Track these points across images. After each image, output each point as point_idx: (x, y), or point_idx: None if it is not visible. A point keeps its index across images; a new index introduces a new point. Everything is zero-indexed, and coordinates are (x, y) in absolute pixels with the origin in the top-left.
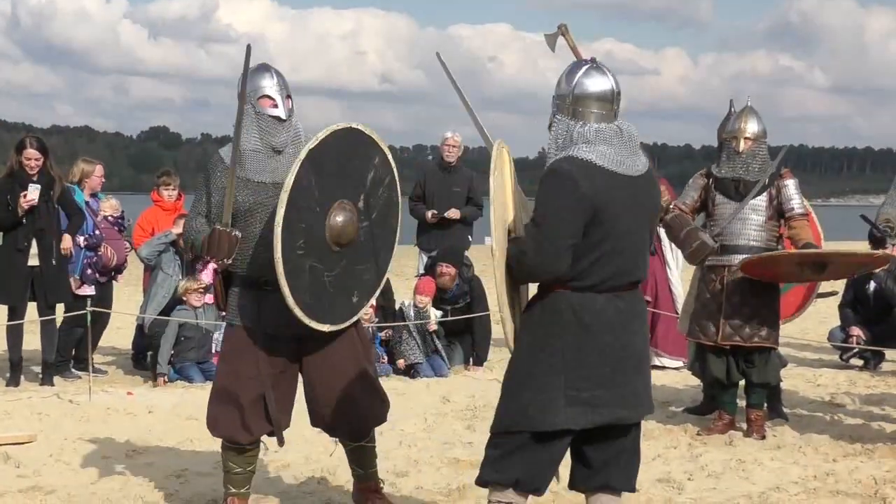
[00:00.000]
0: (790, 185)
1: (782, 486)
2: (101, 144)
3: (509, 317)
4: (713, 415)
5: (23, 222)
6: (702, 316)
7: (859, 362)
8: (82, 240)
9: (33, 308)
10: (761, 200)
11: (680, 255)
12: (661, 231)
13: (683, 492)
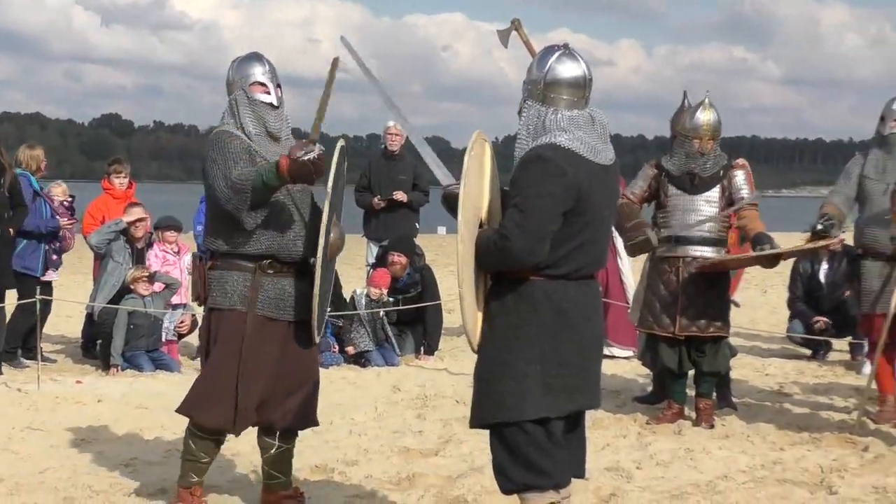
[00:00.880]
0: (739, 176)
1: (730, 475)
2: (53, 132)
3: (473, 302)
4: (662, 404)
5: None
6: (657, 308)
7: (807, 352)
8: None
9: None
10: (715, 192)
11: None
12: None
13: (632, 480)
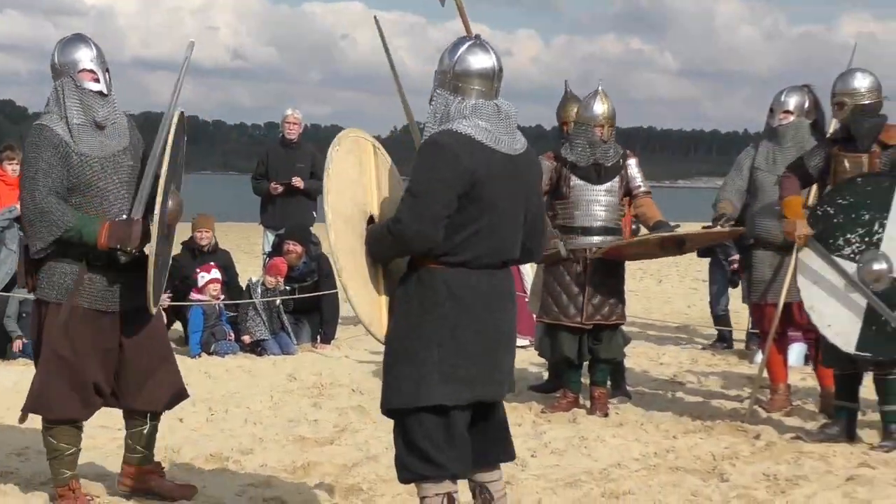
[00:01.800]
0: (633, 165)
1: (623, 463)
2: None
3: (361, 292)
4: (557, 393)
5: None
6: (563, 299)
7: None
8: None
9: None
10: (615, 182)
11: None
12: None
13: (527, 468)
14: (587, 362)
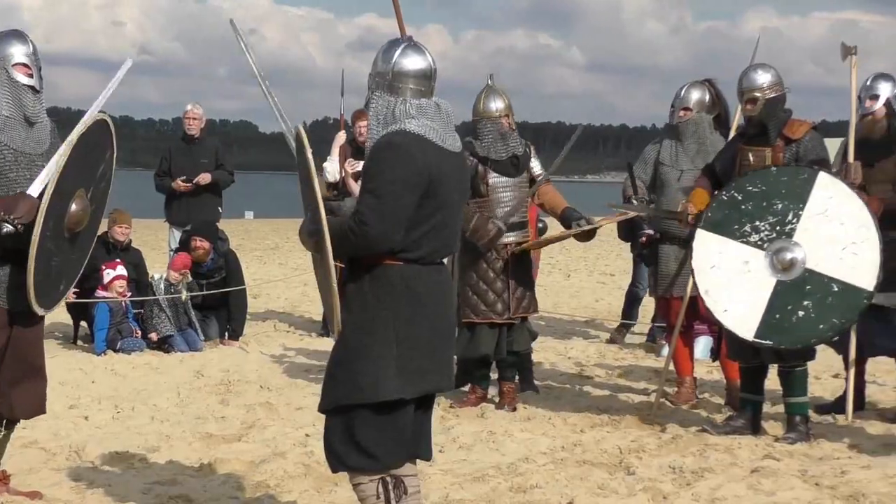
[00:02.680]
0: (533, 154)
1: (531, 457)
2: None
3: (336, 293)
4: (466, 388)
5: None
6: (488, 295)
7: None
8: None
9: None
10: (525, 176)
11: None
12: None
13: (434, 463)
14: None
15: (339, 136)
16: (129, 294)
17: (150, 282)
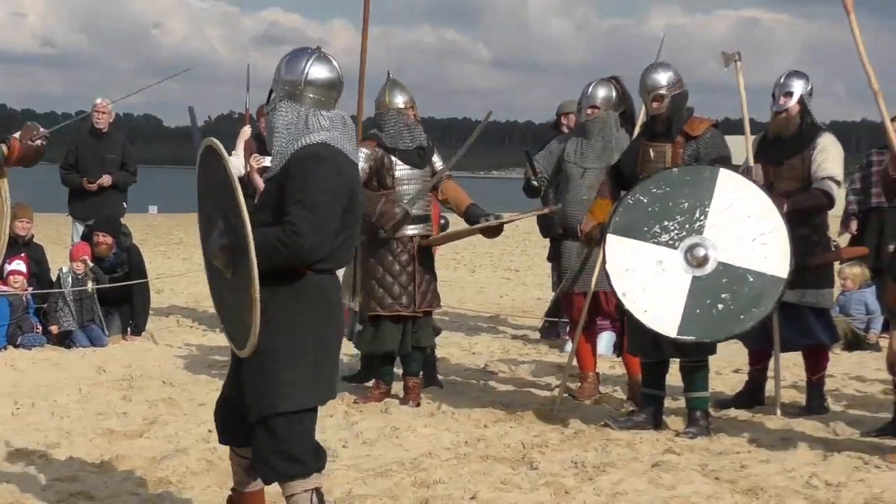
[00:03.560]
0: (434, 149)
1: (434, 452)
2: None
3: (259, 308)
4: (370, 383)
5: None
6: (394, 288)
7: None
8: None
9: None
10: (428, 170)
11: None
12: None
13: (338, 458)
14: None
15: (245, 131)
16: (29, 289)
17: (59, 275)
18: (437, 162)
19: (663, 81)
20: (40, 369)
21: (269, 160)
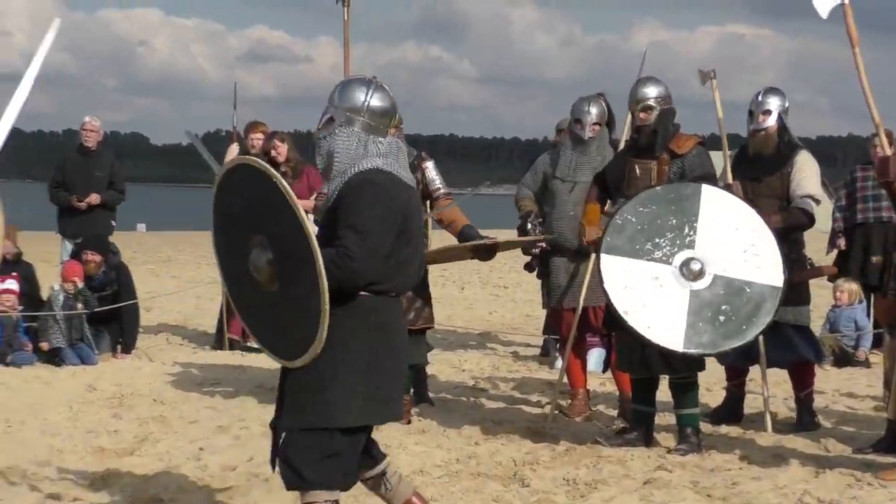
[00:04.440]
0: (430, 167)
1: (426, 470)
2: None
3: (328, 314)
4: None
5: None
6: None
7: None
8: None
9: None
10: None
11: None
12: None
13: None
14: None
15: (232, 149)
16: (19, 308)
17: (50, 293)
18: (435, 179)
19: (653, 93)
20: (30, 387)
21: None
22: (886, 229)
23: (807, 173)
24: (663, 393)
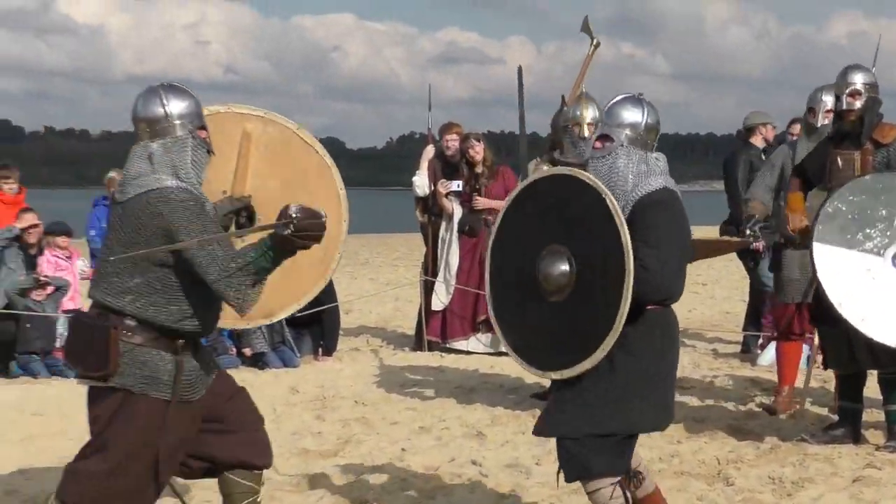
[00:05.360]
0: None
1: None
2: None
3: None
4: None
5: None
6: None
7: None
8: None
9: None
10: None
11: None
12: None
13: (531, 476)
14: None
15: (428, 151)
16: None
17: None
18: None
19: (862, 80)
20: None
21: (457, 184)
22: None
23: None
24: (871, 389)
